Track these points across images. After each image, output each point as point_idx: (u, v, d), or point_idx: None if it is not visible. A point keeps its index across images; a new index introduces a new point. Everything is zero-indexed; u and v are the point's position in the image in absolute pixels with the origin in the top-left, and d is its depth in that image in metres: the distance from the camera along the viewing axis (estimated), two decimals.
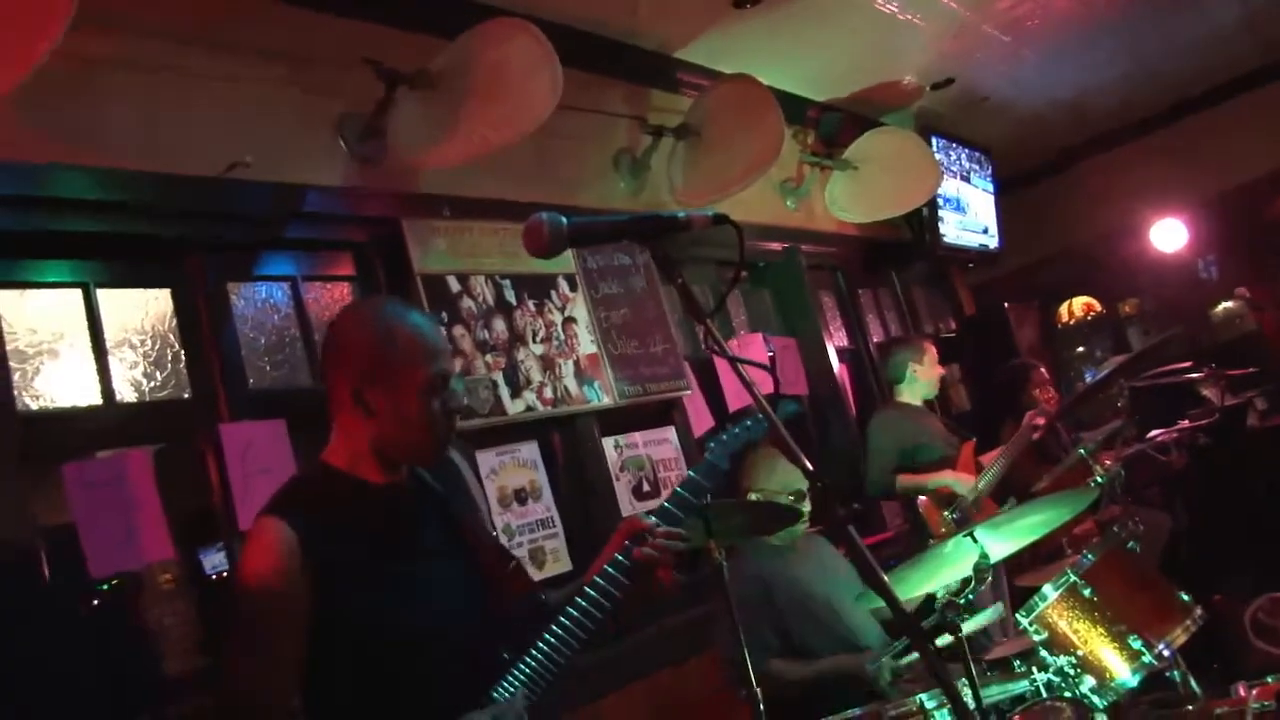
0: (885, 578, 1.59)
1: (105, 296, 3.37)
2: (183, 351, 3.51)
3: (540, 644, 2.09)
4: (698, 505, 2.35)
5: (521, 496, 4.36)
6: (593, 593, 2.13)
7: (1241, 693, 3.04)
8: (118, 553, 3.03)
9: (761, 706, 3.09)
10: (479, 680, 2.07)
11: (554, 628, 2.09)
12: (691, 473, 2.39)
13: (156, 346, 3.47)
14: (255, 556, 1.99)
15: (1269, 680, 3.02)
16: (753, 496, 3.86)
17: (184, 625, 3.66)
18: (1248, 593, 5.43)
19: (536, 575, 4.29)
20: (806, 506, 3.86)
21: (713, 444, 2.54)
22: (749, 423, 2.56)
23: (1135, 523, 3.56)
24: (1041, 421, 5.12)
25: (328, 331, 2.23)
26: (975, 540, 3.07)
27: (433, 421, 2.10)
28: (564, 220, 1.68)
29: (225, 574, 3.82)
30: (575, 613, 2.11)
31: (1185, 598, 3.30)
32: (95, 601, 3.46)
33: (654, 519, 2.23)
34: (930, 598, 3.05)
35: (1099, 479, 3.87)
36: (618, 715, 4.13)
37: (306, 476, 2.22)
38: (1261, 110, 8.49)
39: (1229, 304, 9.09)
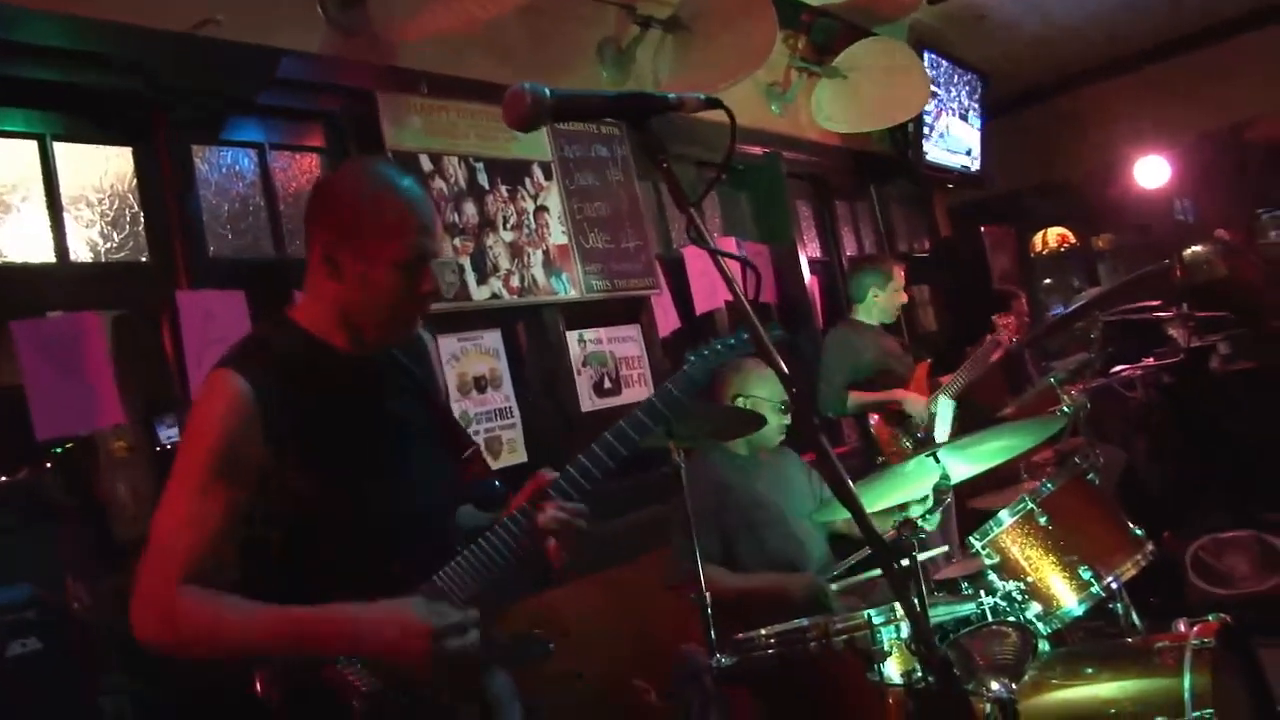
0: (854, 489, 1.54)
1: (63, 150, 3.25)
2: (142, 213, 3.41)
3: (478, 546, 2.04)
4: (666, 418, 2.28)
5: (481, 384, 4.31)
6: (496, 539, 2.06)
7: (1182, 629, 3.05)
8: (66, 416, 2.96)
9: (709, 610, 3.10)
10: (431, 560, 2.02)
11: (482, 542, 2.04)
12: (669, 385, 2.31)
13: (115, 206, 3.36)
14: (207, 407, 1.89)
15: (1210, 618, 3.04)
16: (740, 402, 3.81)
17: (137, 494, 3.60)
18: (1195, 531, 5.51)
19: (492, 465, 4.27)
20: (788, 419, 3.84)
21: (693, 358, 2.42)
22: (732, 340, 2.46)
23: (1096, 454, 3.57)
24: (1003, 340, 5.12)
25: (317, 182, 2.08)
26: (938, 461, 3.06)
27: (400, 299, 1.98)
28: (547, 91, 1.57)
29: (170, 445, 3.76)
30: (488, 546, 2.05)
31: (1138, 532, 3.32)
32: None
33: (584, 462, 2.13)
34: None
35: (1065, 409, 3.87)
36: (569, 607, 4.14)
37: (269, 332, 2.07)
38: (1257, 53, 8.40)
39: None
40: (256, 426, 1.87)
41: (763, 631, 3.17)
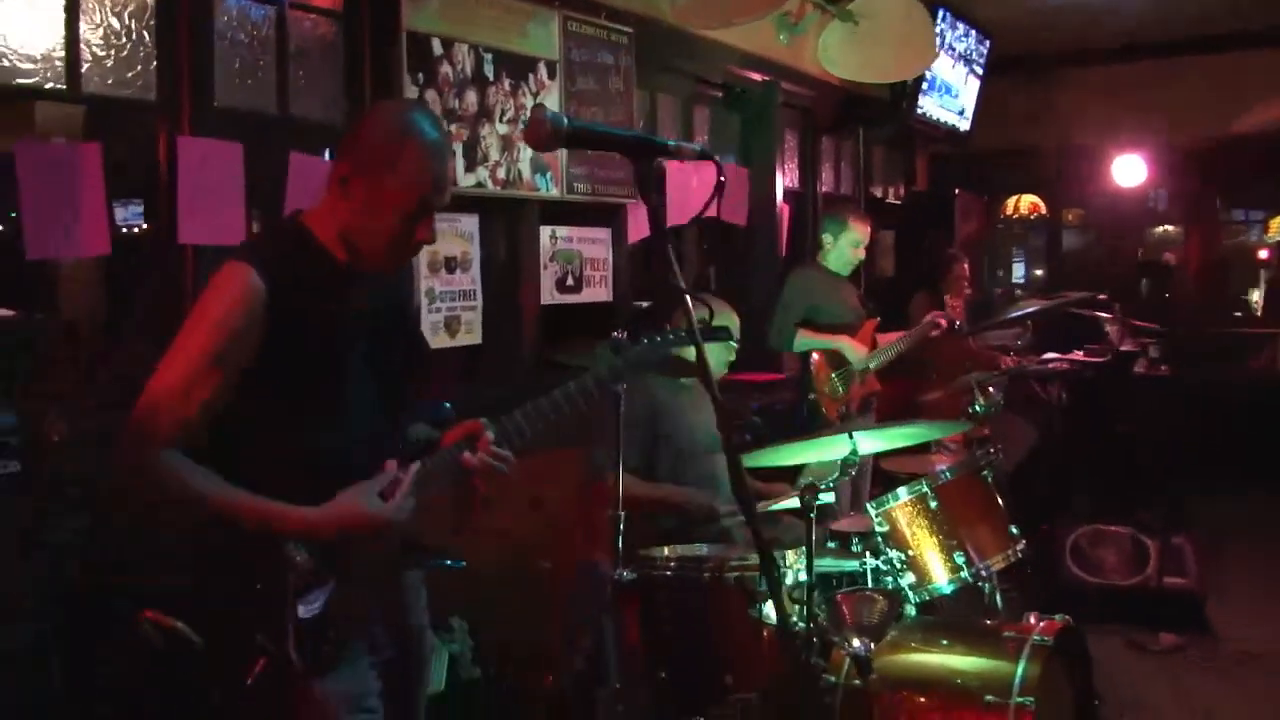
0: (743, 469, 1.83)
1: None
2: (155, 53, 3.51)
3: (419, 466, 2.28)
4: (597, 396, 2.48)
5: (451, 265, 4.50)
6: (430, 466, 2.28)
7: (1032, 621, 3.40)
8: (57, 240, 3.13)
9: (623, 526, 3.38)
10: (370, 467, 2.24)
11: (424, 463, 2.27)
12: (603, 369, 2.52)
13: (131, 43, 3.46)
14: (222, 292, 2.09)
15: (1055, 618, 3.38)
16: None
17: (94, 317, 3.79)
18: (1081, 519, 5.90)
19: (448, 342, 4.50)
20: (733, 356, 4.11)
21: (612, 354, 2.62)
22: (671, 335, 2.67)
23: (996, 451, 3.87)
24: (943, 323, 5.38)
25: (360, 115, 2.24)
26: (851, 438, 3.36)
27: (396, 241, 2.19)
28: (565, 121, 1.80)
29: (138, 229, 3.92)
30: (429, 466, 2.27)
31: (1014, 531, 3.65)
32: None
33: (519, 419, 2.36)
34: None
35: (977, 407, 4.16)
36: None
37: (284, 234, 2.28)
38: (1260, 70, 8.58)
39: (1168, 228, 9.44)
40: (261, 320, 2.08)
41: (665, 552, 3.49)
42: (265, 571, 2.10)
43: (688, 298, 1.83)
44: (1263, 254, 10.57)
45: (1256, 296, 10.54)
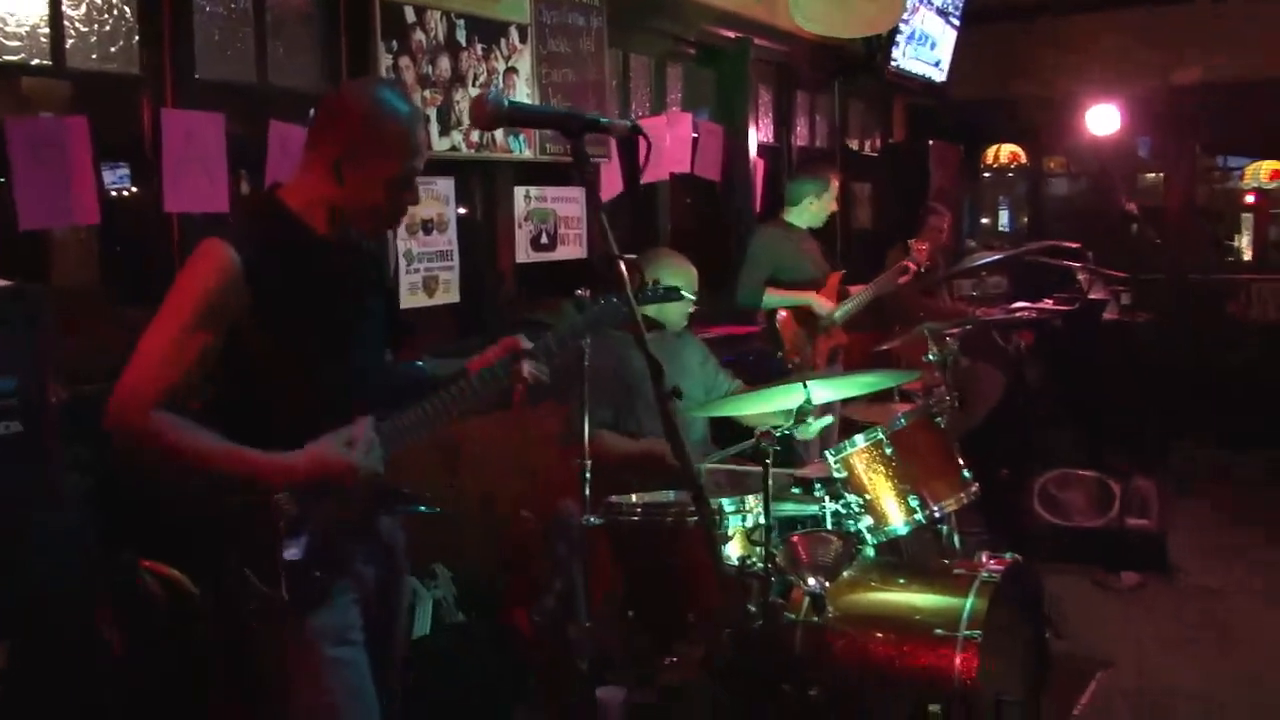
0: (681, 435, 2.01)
1: None
2: (138, 27, 3.65)
3: (413, 409, 2.46)
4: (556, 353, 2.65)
5: (428, 227, 4.66)
6: (466, 386, 2.50)
7: (983, 559, 3.60)
8: (48, 211, 3.29)
9: (588, 475, 3.58)
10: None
11: (425, 403, 2.47)
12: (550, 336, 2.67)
13: (113, 17, 3.59)
14: (200, 266, 2.24)
15: (1005, 555, 3.58)
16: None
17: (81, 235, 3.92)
18: (1049, 464, 6.11)
19: (427, 301, 4.67)
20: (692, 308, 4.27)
21: (575, 311, 2.82)
22: (616, 299, 2.82)
23: (952, 399, 4.04)
24: (911, 267, 5.54)
25: (330, 95, 2.40)
26: (805, 387, 3.53)
27: (389, 210, 2.39)
28: (505, 102, 1.98)
29: (126, 192, 4.07)
30: (446, 396, 2.47)
31: (966, 474, 3.84)
32: None
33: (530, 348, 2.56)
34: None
35: (931, 356, 4.32)
36: (464, 439, 4.56)
37: (260, 210, 2.44)
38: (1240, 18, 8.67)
39: (1156, 175, 9.58)
40: (239, 293, 2.23)
41: (632, 498, 3.69)
42: (255, 517, 2.28)
43: (621, 264, 1.98)
44: (1249, 199, 10.72)
45: (1243, 242, 10.70)
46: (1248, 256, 10.48)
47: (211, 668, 2.79)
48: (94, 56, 3.56)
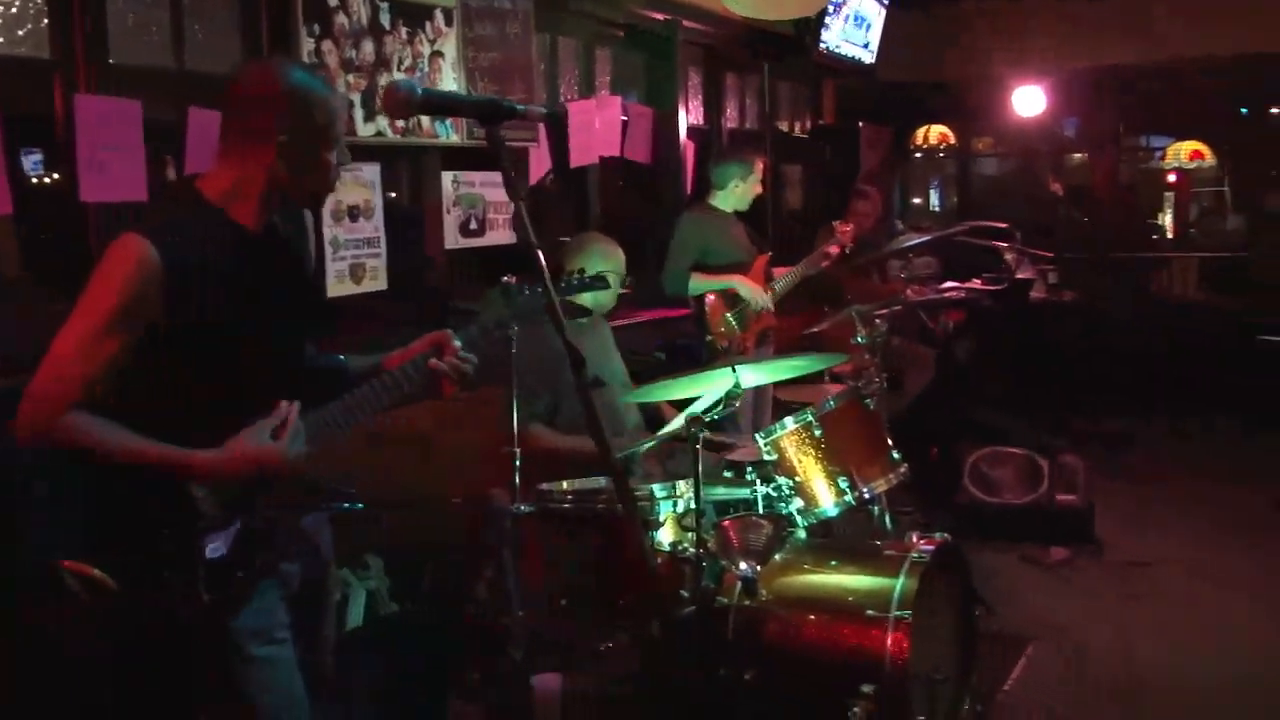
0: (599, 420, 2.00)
1: None
2: (46, 9, 3.54)
3: (334, 403, 2.42)
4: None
5: (354, 214, 4.59)
6: (388, 380, 2.47)
7: (913, 539, 3.63)
8: None
9: (518, 463, 3.56)
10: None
11: (346, 397, 2.43)
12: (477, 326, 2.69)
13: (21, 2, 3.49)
14: (117, 263, 2.18)
15: (936, 535, 3.62)
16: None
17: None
18: (980, 441, 6.18)
19: (354, 289, 4.60)
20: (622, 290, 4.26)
21: (501, 299, 2.83)
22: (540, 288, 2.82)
23: (881, 380, 4.08)
24: (833, 251, 5.57)
25: (242, 85, 2.34)
26: (734, 371, 3.53)
27: (325, 173, 2.36)
28: (419, 90, 1.95)
29: (43, 180, 3.98)
30: (369, 391, 2.45)
31: (896, 456, 3.88)
32: None
33: (458, 341, 2.55)
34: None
35: (859, 339, 4.35)
36: (398, 422, 4.51)
37: (179, 203, 2.37)
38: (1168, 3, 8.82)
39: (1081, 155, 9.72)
40: (157, 287, 2.18)
41: (563, 485, 3.67)
42: (171, 515, 2.23)
43: (540, 253, 1.96)
44: (1171, 178, 10.93)
45: (1165, 221, 10.91)
46: (1170, 235, 10.69)
47: (136, 670, 2.74)
48: (1, 40, 3.45)
